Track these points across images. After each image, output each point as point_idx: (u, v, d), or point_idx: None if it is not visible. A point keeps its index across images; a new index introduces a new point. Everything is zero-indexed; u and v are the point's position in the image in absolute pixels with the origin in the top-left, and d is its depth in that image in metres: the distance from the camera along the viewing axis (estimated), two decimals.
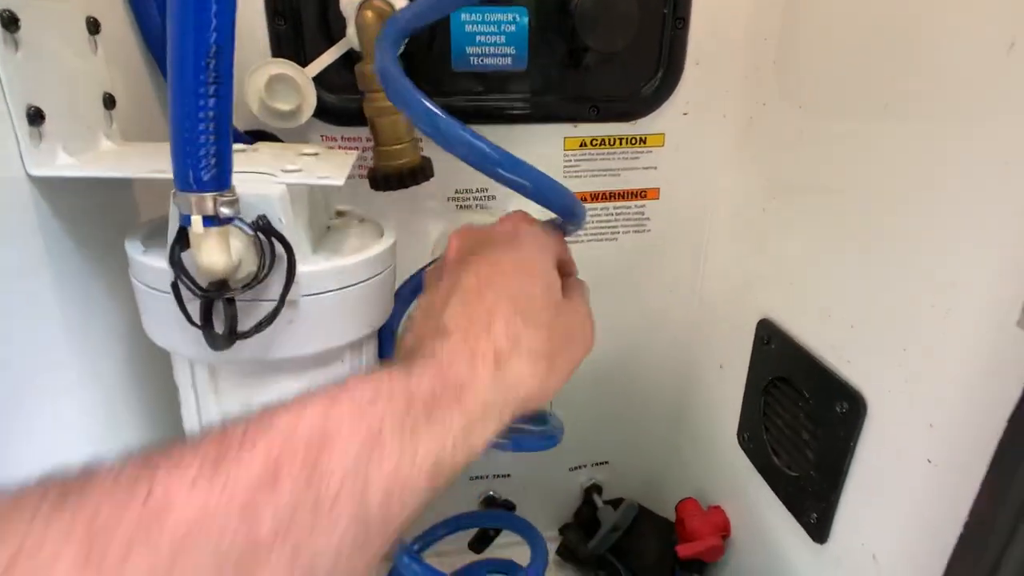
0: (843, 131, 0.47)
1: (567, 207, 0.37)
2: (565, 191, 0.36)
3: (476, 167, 0.33)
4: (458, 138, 0.32)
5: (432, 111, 0.32)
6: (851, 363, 0.47)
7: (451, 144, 0.33)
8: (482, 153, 0.32)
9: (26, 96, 0.31)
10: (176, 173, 0.27)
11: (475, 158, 0.32)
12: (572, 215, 0.38)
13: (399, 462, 0.24)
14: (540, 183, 0.35)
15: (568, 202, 0.37)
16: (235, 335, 0.31)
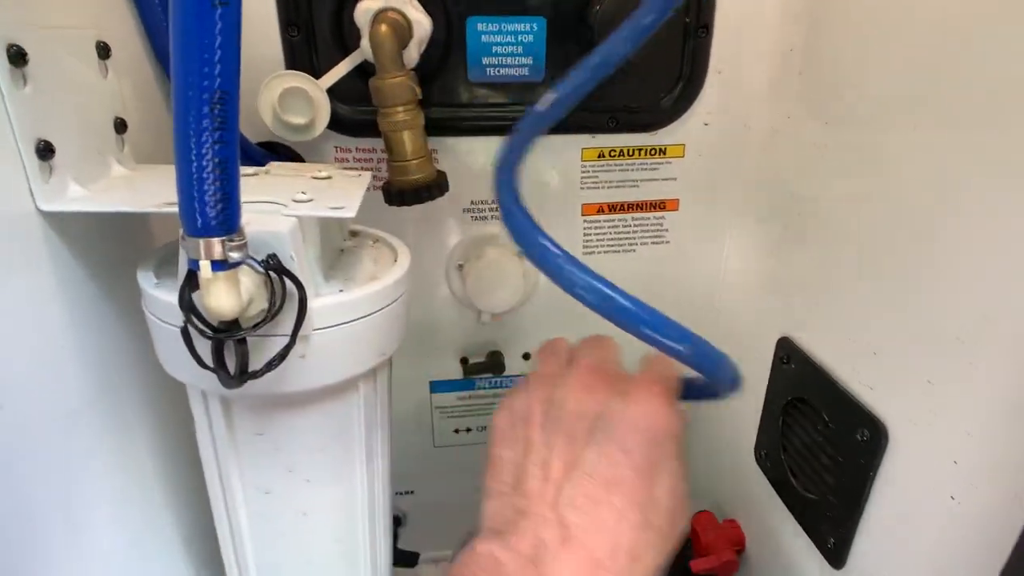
0: (872, 149, 0.45)
1: (725, 378, 0.32)
2: (724, 360, 0.32)
3: (616, 323, 0.29)
4: (594, 289, 0.29)
5: (566, 267, 0.30)
6: (873, 390, 0.46)
7: (586, 298, 0.29)
8: (624, 310, 0.29)
9: (35, 131, 0.31)
10: (183, 218, 0.26)
11: (617, 315, 0.29)
12: (730, 386, 0.33)
13: None
14: (696, 349, 0.30)
15: (727, 374, 0.32)
16: (247, 375, 0.31)
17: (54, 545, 0.35)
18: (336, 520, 0.42)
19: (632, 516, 0.29)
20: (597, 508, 0.29)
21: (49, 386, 0.34)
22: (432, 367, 0.69)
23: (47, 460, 0.34)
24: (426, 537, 0.77)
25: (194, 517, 0.50)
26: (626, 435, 0.31)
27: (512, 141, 0.36)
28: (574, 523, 0.28)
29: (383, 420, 0.42)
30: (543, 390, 0.35)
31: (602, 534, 0.28)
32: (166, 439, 0.46)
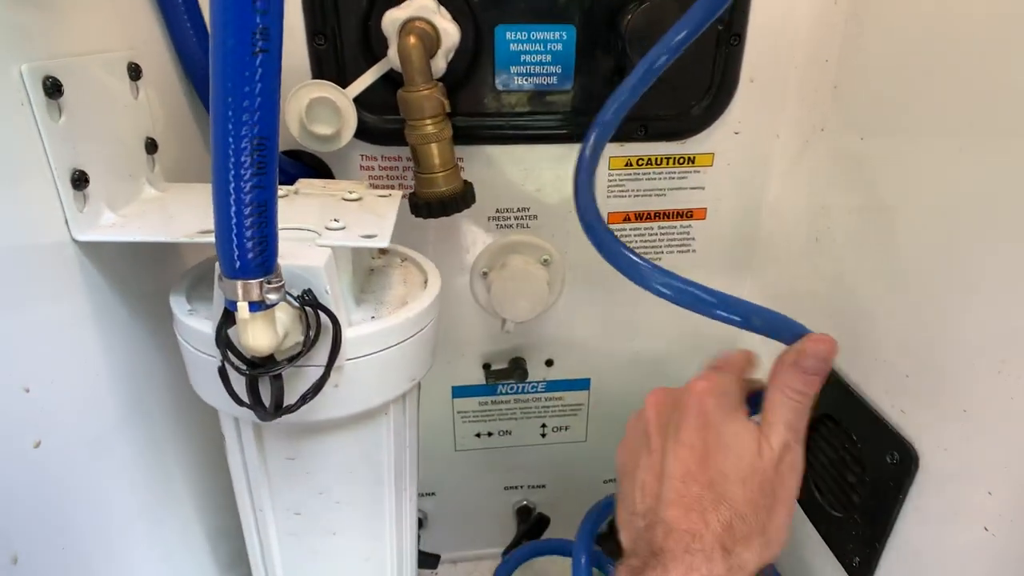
0: (910, 164, 0.44)
1: (758, 330, 0.38)
2: (792, 325, 0.38)
3: (693, 310, 0.36)
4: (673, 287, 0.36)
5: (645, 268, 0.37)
6: (905, 414, 0.45)
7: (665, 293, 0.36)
8: (695, 297, 0.36)
9: (70, 161, 0.31)
10: (221, 260, 0.26)
11: (691, 303, 0.36)
12: (774, 335, 0.39)
13: None
14: (763, 319, 0.37)
15: (798, 334, 0.38)
16: (281, 409, 0.31)
17: (89, 562, 0.36)
18: (364, 539, 0.42)
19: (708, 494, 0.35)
20: (681, 499, 0.35)
21: (84, 410, 0.35)
22: (455, 372, 0.69)
23: (81, 480, 0.35)
24: (447, 539, 0.78)
25: (225, 534, 0.51)
26: (686, 433, 0.37)
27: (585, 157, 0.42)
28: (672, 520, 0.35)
29: (411, 441, 0.42)
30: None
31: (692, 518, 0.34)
32: (196, 457, 0.46)
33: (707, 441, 0.37)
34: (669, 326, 0.69)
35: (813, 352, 0.37)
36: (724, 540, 0.33)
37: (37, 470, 0.31)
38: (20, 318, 0.29)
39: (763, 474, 0.36)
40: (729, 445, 0.36)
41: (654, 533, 0.34)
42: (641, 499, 0.38)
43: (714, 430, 0.37)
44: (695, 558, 0.33)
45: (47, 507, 0.32)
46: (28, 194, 0.29)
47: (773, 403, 0.38)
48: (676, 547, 0.33)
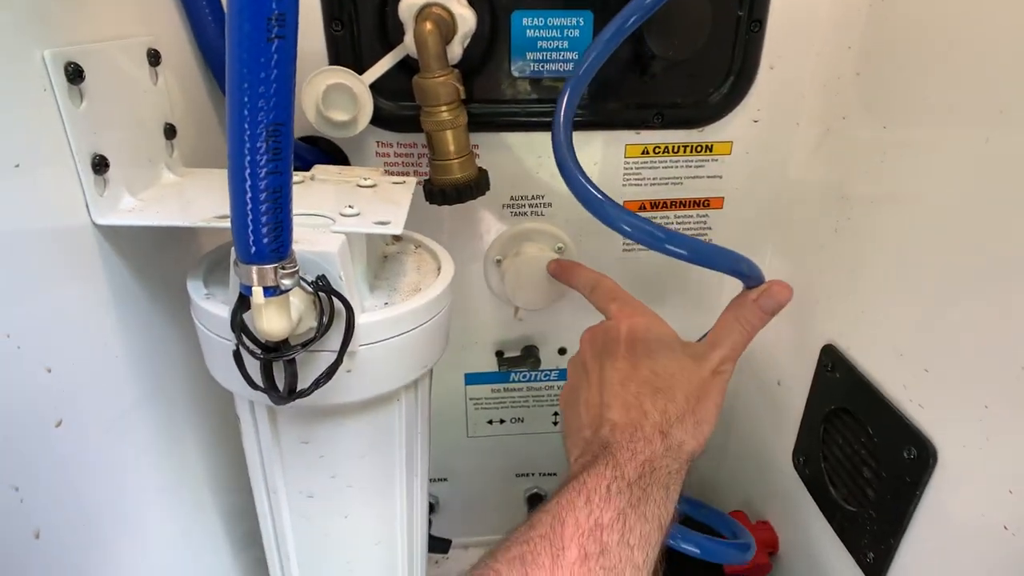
0: (936, 154, 0.43)
1: (739, 273, 0.43)
2: (738, 259, 0.42)
3: (647, 245, 0.39)
4: (632, 224, 0.38)
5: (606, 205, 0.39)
6: (924, 408, 0.44)
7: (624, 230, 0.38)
8: (650, 234, 0.38)
9: (91, 146, 0.31)
10: (236, 245, 0.26)
11: (646, 239, 0.38)
12: (745, 278, 0.44)
13: (642, 529, 0.34)
14: (703, 253, 0.41)
15: (738, 267, 0.43)
16: (295, 393, 0.31)
17: (109, 539, 0.37)
18: (376, 523, 0.43)
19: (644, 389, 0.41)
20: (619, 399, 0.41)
21: (104, 391, 0.35)
22: (468, 359, 0.69)
23: (100, 460, 0.35)
24: (458, 524, 0.78)
25: (239, 514, 0.51)
26: (619, 349, 0.44)
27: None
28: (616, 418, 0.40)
29: (423, 427, 0.43)
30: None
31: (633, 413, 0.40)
32: (212, 439, 0.47)
33: (637, 351, 0.43)
34: (684, 314, 0.68)
35: (776, 294, 0.43)
36: (661, 425, 0.39)
37: (58, 449, 0.31)
38: (42, 300, 0.30)
39: (694, 372, 0.42)
40: (659, 349, 0.43)
41: (600, 433, 0.39)
42: (586, 413, 0.42)
43: (643, 341, 0.44)
44: (637, 444, 0.37)
45: (67, 485, 0.32)
46: (50, 178, 0.30)
47: (726, 325, 0.44)
48: (622, 438, 0.38)
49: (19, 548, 0.28)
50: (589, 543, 0.32)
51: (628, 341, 0.44)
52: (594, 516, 0.33)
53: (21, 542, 0.28)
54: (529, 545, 0.32)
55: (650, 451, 0.37)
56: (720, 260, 0.42)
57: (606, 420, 0.40)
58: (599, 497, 0.34)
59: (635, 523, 0.34)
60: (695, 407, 0.41)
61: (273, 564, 0.45)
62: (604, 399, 0.41)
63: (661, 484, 0.36)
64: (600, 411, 0.41)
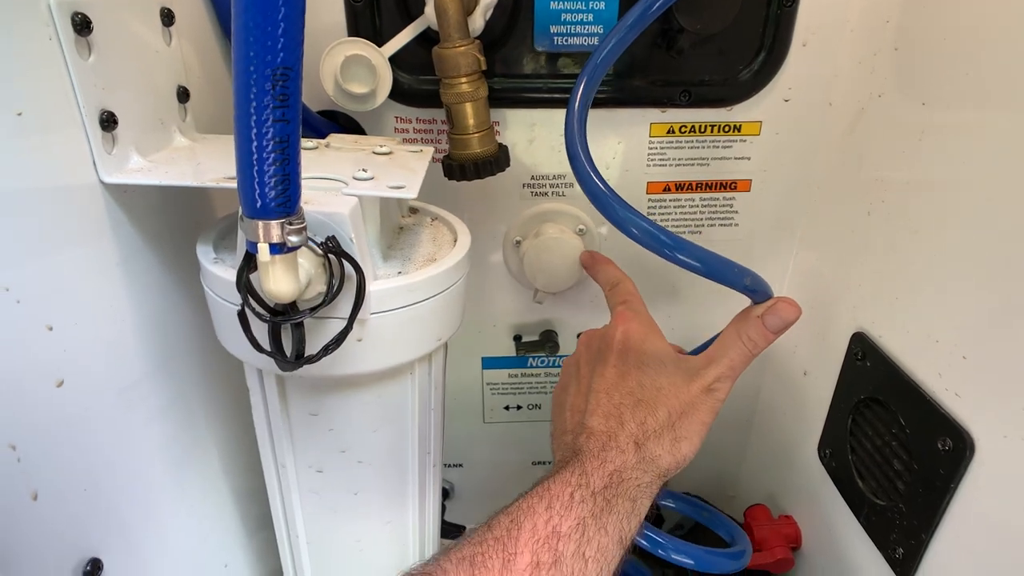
0: (978, 133, 0.41)
1: (744, 288, 0.40)
2: (743, 272, 0.40)
3: (654, 251, 0.37)
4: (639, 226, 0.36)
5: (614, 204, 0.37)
6: (960, 397, 0.42)
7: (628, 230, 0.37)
8: (658, 240, 0.36)
9: (99, 101, 0.31)
10: (242, 199, 0.25)
11: (653, 244, 0.36)
12: (751, 293, 0.41)
13: (600, 541, 0.33)
14: (713, 266, 0.38)
15: (745, 283, 0.40)
16: (303, 359, 0.30)
17: (113, 509, 0.36)
18: (386, 501, 0.42)
19: (627, 400, 0.40)
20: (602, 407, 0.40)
21: (110, 357, 0.34)
22: (485, 343, 0.68)
23: (108, 429, 0.35)
24: (473, 510, 0.77)
25: (255, 493, 0.51)
26: (610, 356, 0.43)
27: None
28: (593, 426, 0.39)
29: (437, 403, 0.41)
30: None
31: (611, 422, 0.39)
32: (226, 415, 0.46)
33: (628, 361, 0.42)
34: (707, 301, 0.66)
35: (781, 311, 0.40)
36: (637, 436, 0.37)
37: (60, 410, 0.31)
38: (45, 256, 0.29)
39: (682, 388, 0.40)
40: (650, 361, 0.42)
41: (578, 440, 0.38)
42: (571, 417, 0.42)
43: (636, 352, 0.43)
44: (609, 453, 0.36)
45: (71, 448, 0.32)
46: (55, 131, 0.29)
47: (726, 342, 0.42)
48: (594, 446, 0.37)
49: (16, 508, 0.28)
50: (543, 551, 0.31)
51: (621, 350, 0.43)
52: (552, 523, 0.32)
53: (18, 502, 0.28)
54: (482, 547, 0.31)
55: (621, 461, 0.36)
56: (726, 273, 0.39)
57: (585, 427, 0.39)
58: (560, 504, 0.33)
59: (594, 535, 0.33)
60: (676, 423, 0.39)
61: (282, 540, 0.44)
62: (588, 405, 0.40)
63: (628, 496, 0.35)
64: (582, 417, 0.40)
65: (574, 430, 0.40)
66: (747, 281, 0.40)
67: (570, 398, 0.43)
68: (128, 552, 0.36)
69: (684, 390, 0.40)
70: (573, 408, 0.42)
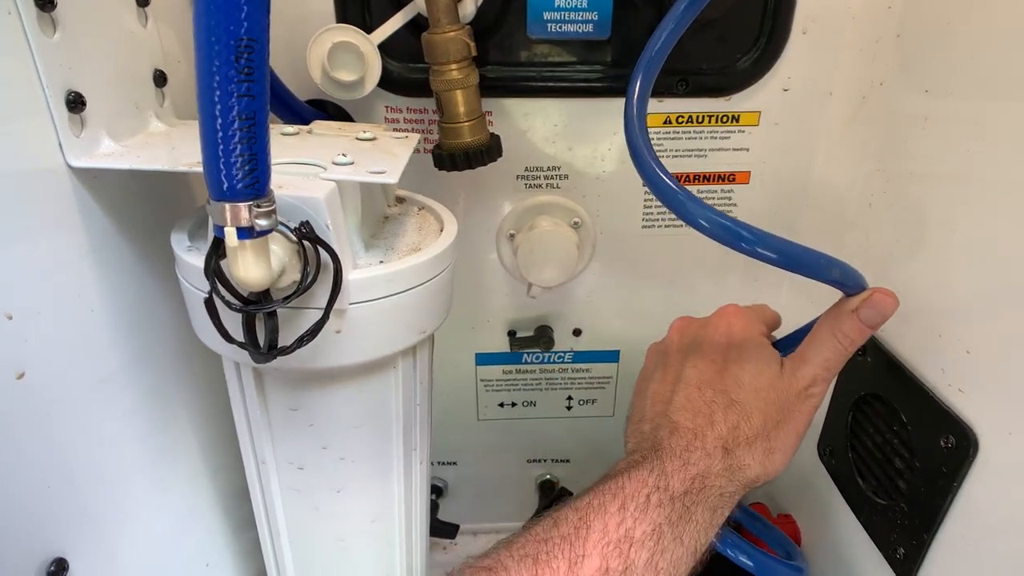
0: (982, 126, 0.40)
1: (833, 281, 0.37)
2: (831, 263, 0.36)
3: (730, 246, 0.33)
4: (711, 220, 0.32)
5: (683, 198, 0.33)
6: (964, 393, 0.41)
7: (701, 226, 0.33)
8: (735, 234, 0.32)
9: (65, 81, 0.29)
10: (207, 180, 0.24)
11: (728, 238, 0.33)
12: (841, 286, 0.38)
13: (675, 553, 0.30)
14: (797, 258, 0.34)
15: (834, 276, 0.36)
16: (276, 350, 0.29)
17: (87, 507, 0.35)
18: (371, 499, 0.40)
19: (720, 400, 0.36)
20: (691, 402, 0.36)
21: (79, 349, 0.33)
22: (479, 339, 0.67)
23: (77, 424, 0.33)
24: (466, 509, 0.76)
25: (237, 483, 0.49)
26: (708, 348, 0.39)
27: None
28: (679, 421, 0.36)
29: (423, 399, 0.40)
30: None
31: (700, 419, 0.35)
32: (205, 404, 0.45)
33: (728, 355, 0.38)
34: (707, 296, 0.65)
35: (879, 303, 0.37)
36: (727, 440, 0.34)
37: (20, 403, 0.29)
38: (5, 243, 0.28)
39: (781, 392, 0.37)
40: (750, 359, 0.38)
41: (659, 433, 0.35)
42: (651, 405, 0.38)
43: (737, 346, 0.39)
44: (693, 455, 0.33)
45: (33, 443, 0.30)
46: (16, 110, 0.28)
47: (820, 339, 0.38)
48: (677, 445, 0.34)
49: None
50: (613, 556, 0.29)
51: (722, 343, 0.39)
52: (625, 526, 0.30)
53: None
54: (547, 544, 0.29)
55: (705, 465, 0.33)
56: (812, 265, 0.36)
57: (669, 419, 0.36)
58: (635, 506, 0.30)
59: (669, 544, 0.30)
60: (772, 432, 0.35)
61: (264, 539, 0.43)
62: (676, 397, 0.37)
63: (708, 505, 0.32)
64: (666, 408, 0.37)
65: (654, 419, 0.37)
66: (836, 273, 0.36)
67: (654, 385, 0.39)
68: (98, 551, 0.35)
69: (783, 393, 0.37)
70: (656, 396, 0.39)
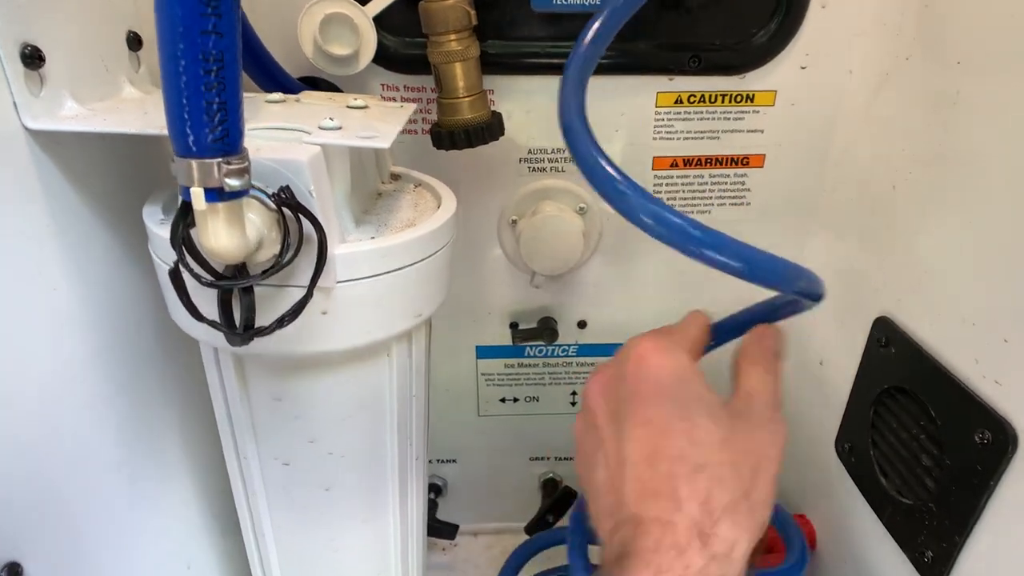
0: (1016, 101, 0.37)
1: (798, 289, 0.31)
2: (796, 271, 0.31)
3: (675, 247, 0.28)
4: (652, 213, 0.28)
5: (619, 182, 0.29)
6: (1001, 385, 0.38)
7: (642, 221, 0.28)
8: (682, 232, 0.27)
9: (18, 33, 0.26)
10: (172, 134, 0.21)
11: (673, 237, 0.28)
12: (806, 296, 0.32)
13: None
14: (760, 265, 0.29)
15: (802, 285, 0.31)
16: (252, 332, 0.26)
17: (48, 505, 0.32)
18: (363, 498, 0.37)
19: (680, 471, 0.29)
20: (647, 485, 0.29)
21: (40, 333, 0.30)
22: (480, 331, 0.64)
23: (37, 414, 0.31)
24: (467, 508, 0.73)
25: (220, 482, 0.47)
26: (640, 408, 0.31)
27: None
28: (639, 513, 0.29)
29: (419, 390, 0.37)
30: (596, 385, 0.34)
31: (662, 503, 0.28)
32: (184, 394, 0.42)
33: (665, 409, 0.30)
34: (719, 287, 0.62)
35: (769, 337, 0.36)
36: (702, 523, 0.28)
37: None
38: None
39: (746, 433, 0.30)
40: (696, 407, 0.30)
41: (622, 532, 0.29)
42: (606, 500, 0.31)
43: (672, 396, 0.31)
44: (664, 557, 0.27)
45: None
46: None
47: (746, 372, 0.34)
48: (644, 548, 0.27)
49: None
50: None
51: (653, 396, 0.31)
52: None
53: None
54: None
55: (682, 566, 0.27)
56: (776, 274, 0.30)
57: (627, 513, 0.29)
58: None
59: None
60: (751, 485, 0.29)
61: (249, 542, 0.40)
62: (625, 484, 0.30)
63: None
64: (620, 499, 0.30)
65: (613, 513, 0.30)
66: (802, 284, 0.32)
67: (600, 472, 0.32)
68: (58, 551, 0.32)
69: (750, 436, 0.31)
70: (605, 488, 0.32)
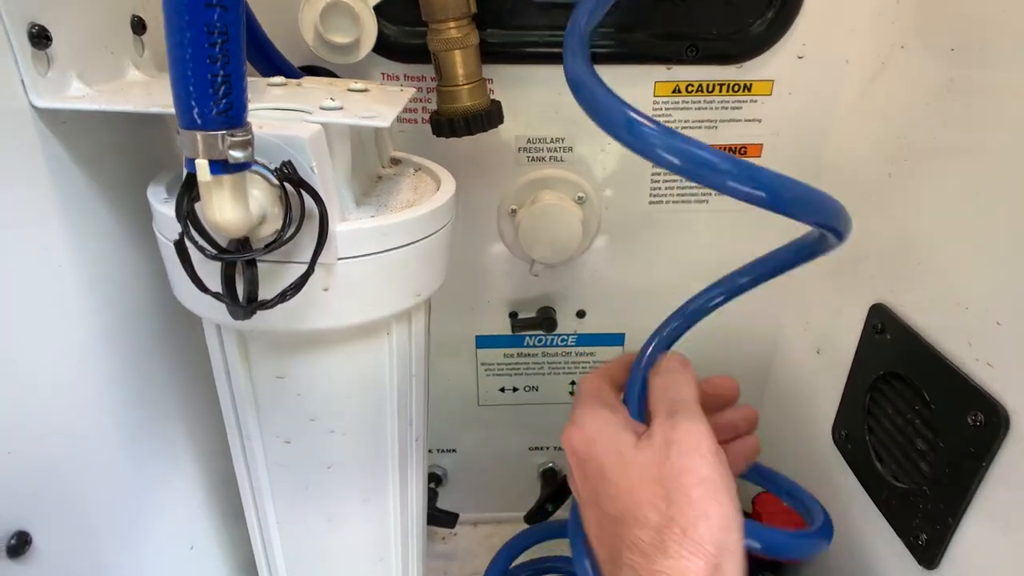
0: (1011, 88, 0.37)
1: (826, 222, 0.31)
2: (826, 200, 0.30)
3: (698, 181, 0.27)
4: (675, 148, 0.26)
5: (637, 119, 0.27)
6: (993, 367, 0.39)
7: (664, 157, 0.27)
8: (707, 163, 0.26)
9: (27, 13, 0.27)
10: (177, 107, 0.22)
11: (697, 170, 0.27)
12: (835, 231, 0.32)
13: None
14: (789, 192, 0.29)
15: (827, 217, 0.30)
16: (255, 304, 0.26)
17: (53, 478, 0.32)
18: (363, 477, 0.38)
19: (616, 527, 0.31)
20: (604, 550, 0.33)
21: (44, 313, 0.31)
22: (479, 321, 0.64)
23: (52, 395, 0.31)
24: (467, 498, 0.74)
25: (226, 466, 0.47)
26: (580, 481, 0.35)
27: None
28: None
29: (419, 370, 0.38)
30: None
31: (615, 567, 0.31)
32: (189, 376, 0.42)
33: (590, 478, 0.33)
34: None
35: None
36: (638, 566, 0.28)
37: None
38: None
39: (647, 466, 0.31)
40: (607, 461, 0.33)
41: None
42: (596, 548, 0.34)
43: (589, 462, 0.33)
44: None
45: None
46: None
47: (651, 392, 0.36)
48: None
49: None
50: None
51: (579, 469, 0.34)
52: None
53: None
54: None
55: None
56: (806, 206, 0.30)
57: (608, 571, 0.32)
58: None
59: None
60: (672, 514, 0.29)
61: (251, 518, 0.40)
62: (598, 549, 0.33)
63: None
64: (600, 564, 0.33)
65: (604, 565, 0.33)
66: (827, 217, 0.31)
67: (591, 529, 0.35)
68: (64, 524, 0.33)
69: (650, 468, 0.31)
70: (596, 542, 0.34)
